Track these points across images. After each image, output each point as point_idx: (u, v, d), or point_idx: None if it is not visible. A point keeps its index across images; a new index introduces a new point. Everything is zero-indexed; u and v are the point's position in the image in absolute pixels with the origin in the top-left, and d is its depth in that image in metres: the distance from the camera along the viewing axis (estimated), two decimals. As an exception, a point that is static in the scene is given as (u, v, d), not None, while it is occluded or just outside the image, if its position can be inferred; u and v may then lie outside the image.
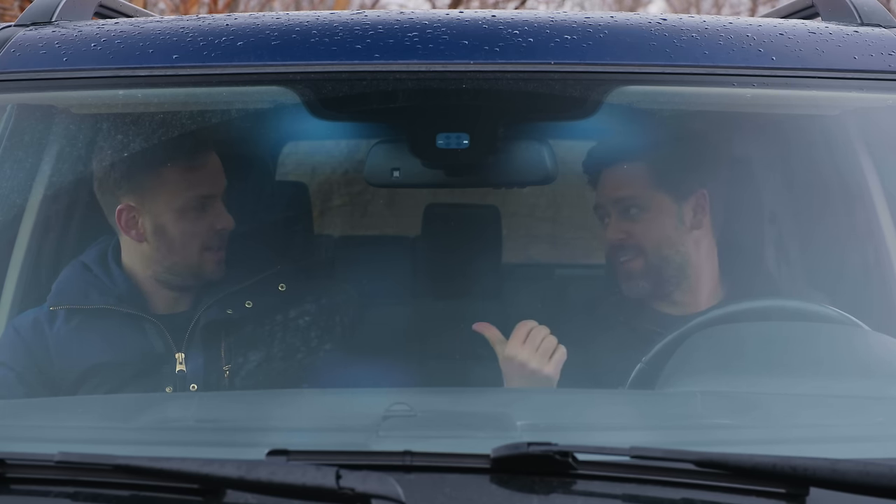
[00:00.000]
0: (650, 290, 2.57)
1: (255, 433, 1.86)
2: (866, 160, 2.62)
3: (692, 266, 2.58)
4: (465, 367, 2.66)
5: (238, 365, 2.48)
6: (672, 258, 2.57)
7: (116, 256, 2.57)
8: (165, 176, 2.48)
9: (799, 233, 2.91)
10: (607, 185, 2.62)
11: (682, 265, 2.58)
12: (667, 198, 2.57)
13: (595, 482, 1.55)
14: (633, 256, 2.57)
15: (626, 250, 2.57)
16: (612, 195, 2.59)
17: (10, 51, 2.29)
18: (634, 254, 2.57)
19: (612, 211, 2.59)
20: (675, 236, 2.58)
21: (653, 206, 2.57)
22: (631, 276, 2.58)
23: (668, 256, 2.57)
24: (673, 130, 2.59)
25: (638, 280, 2.57)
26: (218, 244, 2.53)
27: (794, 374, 2.14)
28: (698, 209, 2.58)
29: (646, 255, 2.56)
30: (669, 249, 2.57)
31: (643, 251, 2.56)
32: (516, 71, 2.18)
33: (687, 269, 2.57)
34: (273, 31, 2.25)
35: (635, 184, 2.57)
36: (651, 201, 2.56)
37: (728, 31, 2.29)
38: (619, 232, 2.58)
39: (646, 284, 2.57)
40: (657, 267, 2.57)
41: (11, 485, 1.57)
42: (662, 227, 2.57)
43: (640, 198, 2.57)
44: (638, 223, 2.57)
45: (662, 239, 2.57)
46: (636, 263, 2.57)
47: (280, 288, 2.58)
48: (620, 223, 2.58)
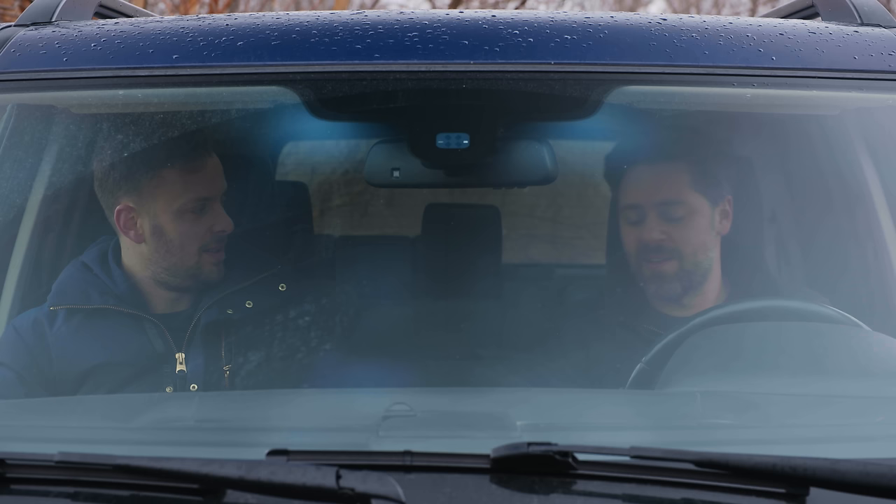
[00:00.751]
0: (680, 291, 2.57)
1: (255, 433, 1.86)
2: (866, 160, 2.62)
3: (713, 270, 2.58)
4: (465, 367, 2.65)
5: (238, 365, 2.48)
6: (702, 263, 2.58)
7: (116, 256, 2.57)
8: (164, 177, 2.48)
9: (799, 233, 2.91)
10: (644, 184, 2.60)
11: (708, 269, 2.58)
12: (706, 201, 2.57)
13: (595, 482, 1.55)
14: (669, 258, 2.56)
15: (662, 252, 2.56)
16: (654, 196, 2.57)
17: (10, 51, 2.29)
18: (670, 255, 2.56)
19: (651, 212, 2.57)
20: (709, 241, 2.58)
21: (693, 208, 2.56)
22: (662, 278, 2.57)
23: (700, 261, 2.58)
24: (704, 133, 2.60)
25: (671, 282, 2.56)
26: (216, 246, 2.53)
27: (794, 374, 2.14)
28: (724, 214, 2.59)
29: (682, 258, 2.56)
30: (702, 254, 2.58)
31: (680, 254, 2.56)
32: (516, 71, 2.18)
33: (708, 273, 2.58)
34: (273, 31, 2.25)
35: (677, 185, 2.57)
36: (692, 204, 2.56)
37: (728, 31, 2.29)
38: (658, 233, 2.56)
39: (678, 286, 2.57)
40: (689, 270, 2.56)
41: (11, 485, 1.57)
42: (700, 230, 2.57)
43: (683, 199, 2.56)
44: (678, 226, 2.56)
45: (699, 243, 2.58)
46: (670, 266, 2.56)
47: (280, 288, 2.58)
48: (660, 224, 2.56)
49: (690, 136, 2.61)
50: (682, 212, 2.56)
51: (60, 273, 2.60)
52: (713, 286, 2.60)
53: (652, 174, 2.60)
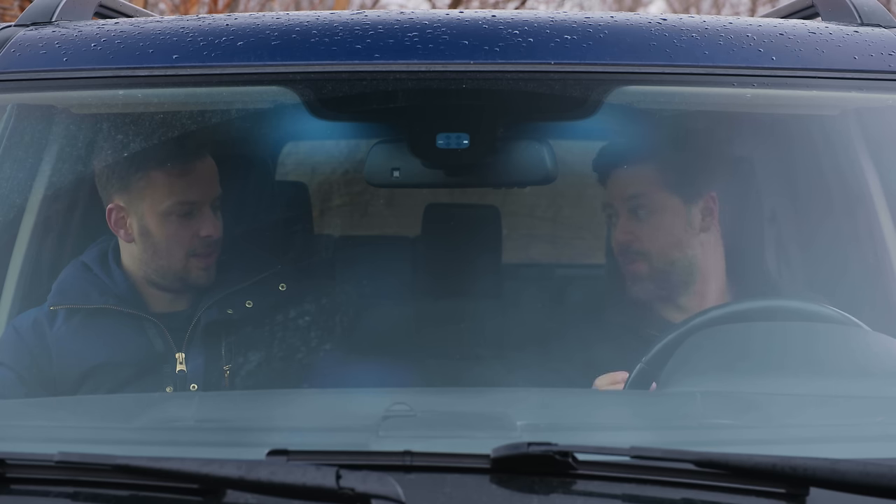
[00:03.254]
0: (656, 292, 2.56)
1: (255, 433, 1.86)
2: (866, 160, 2.62)
3: (699, 270, 2.56)
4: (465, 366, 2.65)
5: (238, 364, 2.48)
6: (679, 261, 2.56)
7: (116, 256, 2.57)
8: (152, 179, 2.48)
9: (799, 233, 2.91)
10: (617, 184, 2.60)
11: (688, 268, 2.56)
12: (676, 199, 2.55)
13: (595, 482, 1.55)
14: (640, 258, 2.55)
15: (633, 251, 2.56)
16: (621, 194, 2.57)
17: (10, 51, 2.29)
18: (641, 255, 2.55)
19: (621, 210, 2.57)
20: (684, 239, 2.56)
21: (661, 207, 2.55)
22: (637, 278, 2.56)
23: (674, 259, 2.55)
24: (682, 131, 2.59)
25: (644, 282, 2.55)
26: (204, 251, 2.52)
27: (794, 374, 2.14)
28: (707, 212, 2.57)
29: (652, 257, 2.55)
30: (677, 252, 2.56)
31: (649, 253, 2.55)
32: (516, 71, 2.18)
33: (694, 272, 2.56)
34: (273, 31, 2.25)
35: (644, 183, 2.55)
36: (660, 202, 2.55)
37: (728, 31, 2.29)
38: (627, 233, 2.56)
39: (651, 287, 2.55)
40: (663, 270, 2.55)
41: (11, 485, 1.57)
42: (670, 228, 2.55)
43: (649, 198, 2.55)
44: (645, 224, 2.55)
45: (670, 241, 2.55)
46: (642, 265, 2.55)
47: (280, 287, 2.58)
48: (628, 223, 2.56)
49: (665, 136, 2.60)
50: (647, 210, 2.54)
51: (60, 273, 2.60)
52: (711, 287, 2.59)
53: (623, 174, 2.60)
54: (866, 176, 2.62)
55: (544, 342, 2.58)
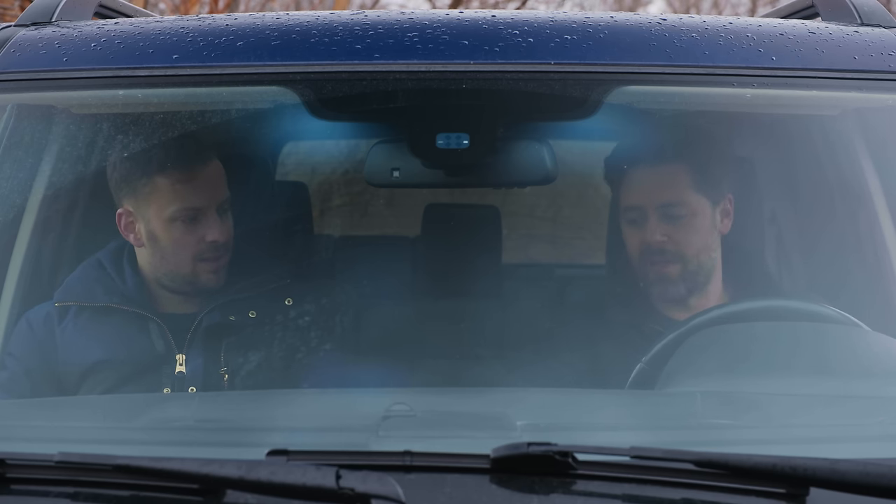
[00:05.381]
0: (685, 293, 2.56)
1: (255, 433, 1.86)
2: (866, 160, 2.62)
3: (717, 271, 2.58)
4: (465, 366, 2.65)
5: (238, 365, 2.48)
6: (706, 263, 2.57)
7: (131, 256, 2.57)
8: (157, 184, 2.48)
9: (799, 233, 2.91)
10: (645, 185, 2.58)
11: (711, 270, 2.58)
12: (706, 201, 2.56)
13: (595, 482, 1.55)
14: (672, 260, 2.54)
15: (665, 254, 2.54)
16: (655, 198, 2.55)
17: (10, 51, 2.29)
18: (673, 257, 2.54)
19: (651, 212, 2.56)
20: (711, 241, 2.57)
21: (695, 209, 2.55)
22: (667, 280, 2.55)
23: (703, 262, 2.57)
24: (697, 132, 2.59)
25: (674, 284, 2.55)
26: (212, 255, 2.52)
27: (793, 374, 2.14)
28: (725, 213, 2.58)
29: (685, 260, 2.55)
30: (705, 254, 2.57)
31: (683, 255, 2.55)
32: (516, 71, 2.18)
33: (713, 273, 2.57)
34: (273, 31, 2.25)
35: (679, 186, 2.55)
36: (694, 204, 2.55)
37: (728, 31, 2.29)
38: (660, 235, 2.55)
39: (682, 288, 2.55)
40: (694, 271, 2.55)
41: (11, 485, 1.57)
42: (702, 231, 2.56)
43: (684, 200, 2.54)
44: (680, 227, 2.55)
45: (701, 244, 2.56)
46: (674, 268, 2.55)
47: (287, 302, 2.56)
48: (661, 225, 2.55)
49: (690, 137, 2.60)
50: (683, 213, 2.55)
51: (60, 273, 2.60)
52: (716, 287, 2.60)
53: (652, 175, 2.59)
54: (866, 176, 2.61)
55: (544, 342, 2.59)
